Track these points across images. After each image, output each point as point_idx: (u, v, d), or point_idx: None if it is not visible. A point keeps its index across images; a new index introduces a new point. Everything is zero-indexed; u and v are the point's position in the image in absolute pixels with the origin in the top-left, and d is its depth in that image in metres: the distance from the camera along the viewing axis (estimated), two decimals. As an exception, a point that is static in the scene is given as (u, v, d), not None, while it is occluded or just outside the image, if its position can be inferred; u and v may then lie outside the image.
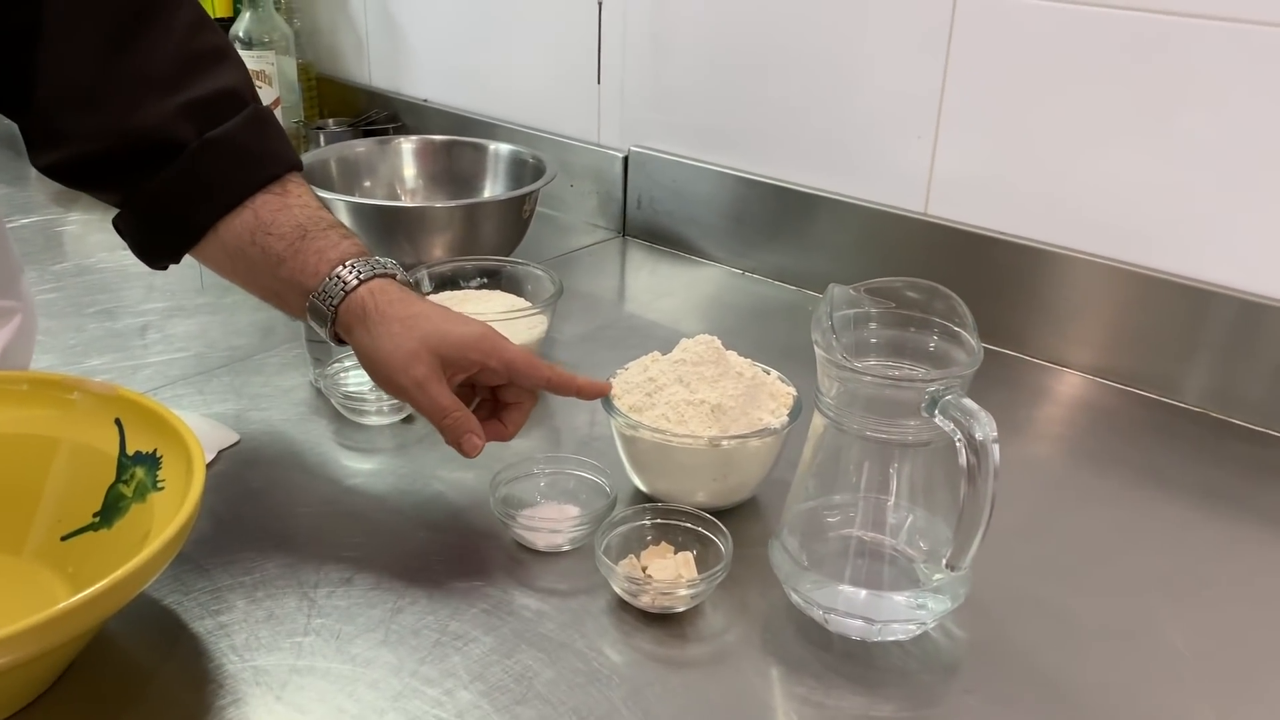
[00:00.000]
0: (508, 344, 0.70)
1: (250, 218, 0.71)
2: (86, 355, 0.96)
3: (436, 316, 0.70)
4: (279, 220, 0.71)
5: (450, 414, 0.68)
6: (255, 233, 0.71)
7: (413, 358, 0.68)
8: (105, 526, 0.64)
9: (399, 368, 0.68)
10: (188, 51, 0.72)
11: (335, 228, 0.73)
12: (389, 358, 0.68)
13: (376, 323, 0.68)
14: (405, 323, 0.68)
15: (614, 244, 1.29)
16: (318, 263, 0.70)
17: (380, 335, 0.68)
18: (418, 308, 0.70)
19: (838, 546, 0.64)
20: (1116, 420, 0.90)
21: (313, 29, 1.62)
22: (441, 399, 0.68)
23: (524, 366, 0.70)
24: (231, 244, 0.72)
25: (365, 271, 0.70)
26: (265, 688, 0.58)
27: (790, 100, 1.11)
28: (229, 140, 0.71)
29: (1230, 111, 0.85)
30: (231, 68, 0.74)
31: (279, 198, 0.72)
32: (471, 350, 0.69)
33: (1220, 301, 0.88)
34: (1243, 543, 0.74)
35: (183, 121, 0.70)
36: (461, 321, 0.71)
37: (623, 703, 0.58)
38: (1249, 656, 0.64)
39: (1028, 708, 0.59)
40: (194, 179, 0.71)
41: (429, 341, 0.68)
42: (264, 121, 0.74)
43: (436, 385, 0.68)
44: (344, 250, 0.71)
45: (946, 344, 0.61)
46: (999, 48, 0.95)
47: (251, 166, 0.72)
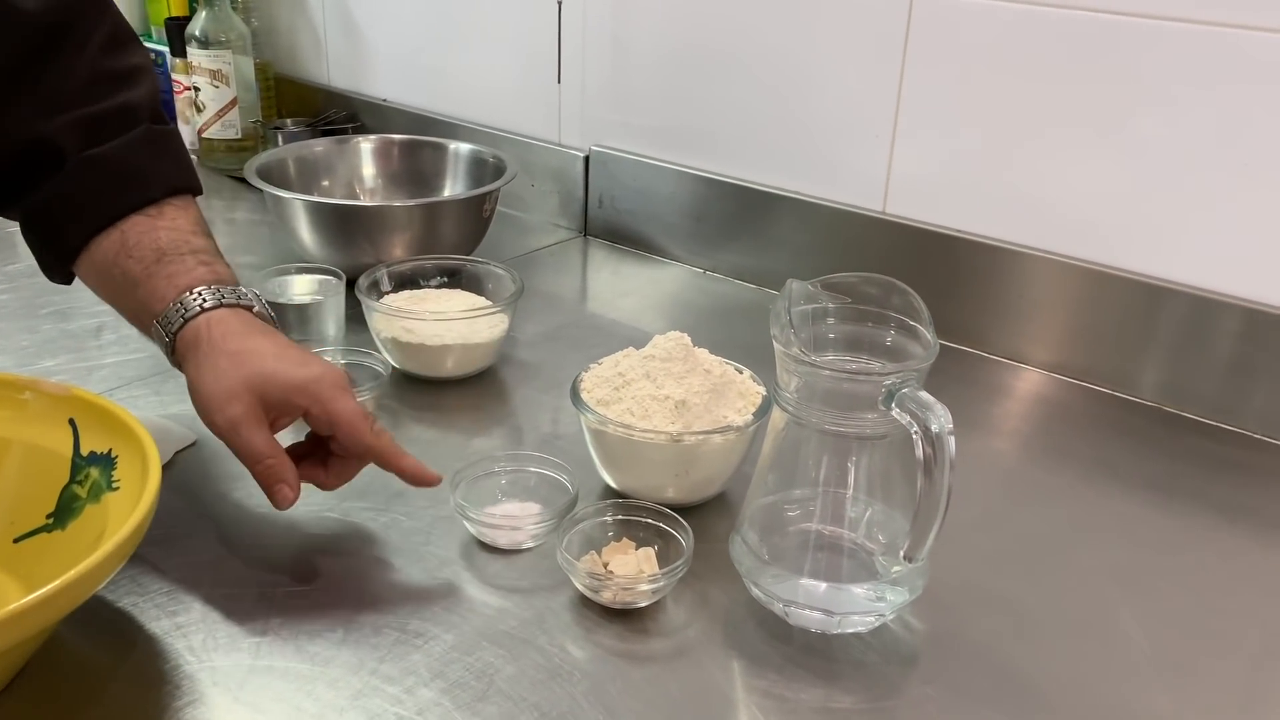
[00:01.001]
0: (340, 397, 0.66)
1: (117, 239, 0.69)
2: (40, 356, 0.94)
3: (270, 354, 0.66)
4: (142, 242, 0.69)
5: (263, 460, 0.65)
6: (119, 254, 0.69)
7: (230, 396, 0.64)
8: (59, 528, 0.63)
9: (216, 406, 0.65)
10: (98, 70, 0.71)
11: (197, 253, 0.70)
12: (208, 394, 0.65)
13: (205, 355, 0.66)
14: (233, 358, 0.65)
15: (575, 243, 1.29)
16: (166, 288, 0.68)
17: (205, 369, 0.65)
18: (252, 343, 0.66)
19: (797, 540, 0.65)
20: (1072, 415, 0.92)
21: (270, 28, 1.60)
22: (256, 444, 0.64)
23: (347, 426, 0.66)
24: (99, 264, 0.70)
25: (211, 300, 0.67)
26: (223, 688, 0.58)
27: (750, 100, 1.11)
28: (109, 158, 0.70)
29: (1182, 112, 0.86)
30: (141, 86, 0.73)
31: (149, 219, 0.70)
32: (297, 395, 0.65)
33: (1173, 298, 0.89)
34: (1196, 534, 0.76)
35: (71, 135, 0.69)
36: (296, 363, 0.66)
37: (584, 698, 0.58)
38: (1203, 645, 0.65)
39: (985, 698, 0.60)
40: (68, 197, 0.70)
41: (251, 381, 0.65)
42: (156, 142, 0.72)
43: (251, 428, 0.64)
44: (196, 276, 0.69)
45: (903, 338, 0.61)
46: (956, 48, 0.96)
47: (126, 187, 0.70)
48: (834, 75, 1.04)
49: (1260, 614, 0.68)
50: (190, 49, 1.43)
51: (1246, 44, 0.82)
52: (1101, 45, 0.88)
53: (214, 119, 1.45)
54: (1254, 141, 0.83)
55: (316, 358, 0.69)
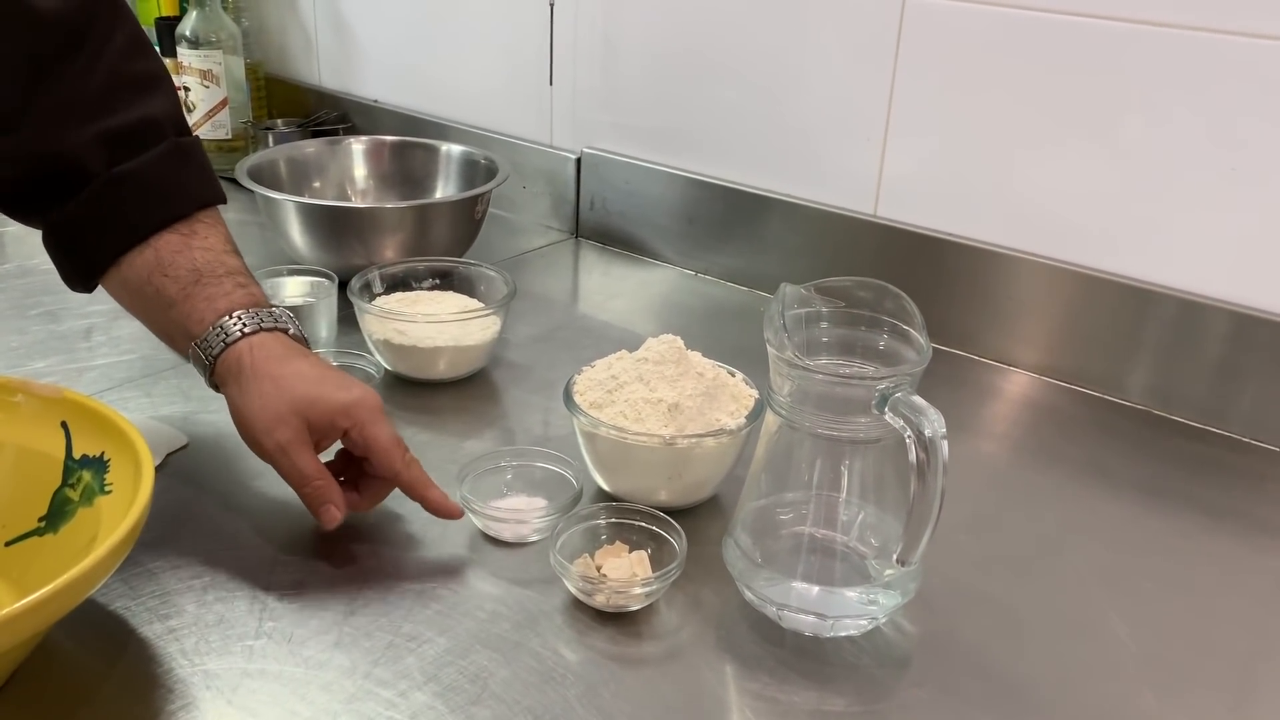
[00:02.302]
0: (378, 421, 0.68)
1: (151, 257, 0.69)
2: (30, 358, 0.94)
3: (312, 377, 0.67)
4: (177, 262, 0.69)
5: (311, 482, 0.66)
6: (153, 272, 0.69)
7: (279, 421, 0.66)
8: (51, 531, 0.63)
9: (263, 429, 0.66)
10: (115, 78, 0.70)
11: (233, 275, 0.71)
12: (255, 418, 0.66)
13: (249, 379, 0.67)
14: (277, 382, 0.66)
15: (566, 245, 1.29)
16: (205, 310, 0.68)
17: (250, 393, 0.66)
18: (294, 366, 0.67)
19: (790, 543, 0.65)
20: (1061, 418, 0.92)
21: (261, 28, 1.60)
22: (304, 466, 0.66)
23: (382, 453, 0.67)
24: (132, 281, 0.70)
25: (251, 325, 0.68)
26: (216, 692, 0.58)
27: (742, 102, 1.11)
28: (137, 175, 0.70)
29: (1170, 116, 0.87)
30: (160, 96, 0.73)
31: (182, 238, 0.70)
32: (340, 418, 0.67)
33: (1161, 301, 0.90)
34: (1184, 536, 0.76)
35: (96, 151, 0.69)
36: (338, 386, 0.68)
37: (578, 701, 0.58)
38: (1190, 646, 0.65)
39: (976, 700, 0.60)
40: (98, 212, 0.69)
41: (297, 405, 0.66)
42: (182, 155, 0.72)
43: (300, 451, 0.66)
44: (235, 300, 0.69)
45: (896, 342, 0.61)
46: (947, 52, 0.96)
47: (156, 203, 0.70)
48: (825, 78, 1.05)
49: (1248, 615, 0.68)
50: (180, 49, 1.42)
51: (1233, 49, 0.82)
52: (1090, 50, 0.88)
53: (204, 119, 1.45)
54: (1241, 145, 0.84)
55: (355, 380, 0.70)
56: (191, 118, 1.45)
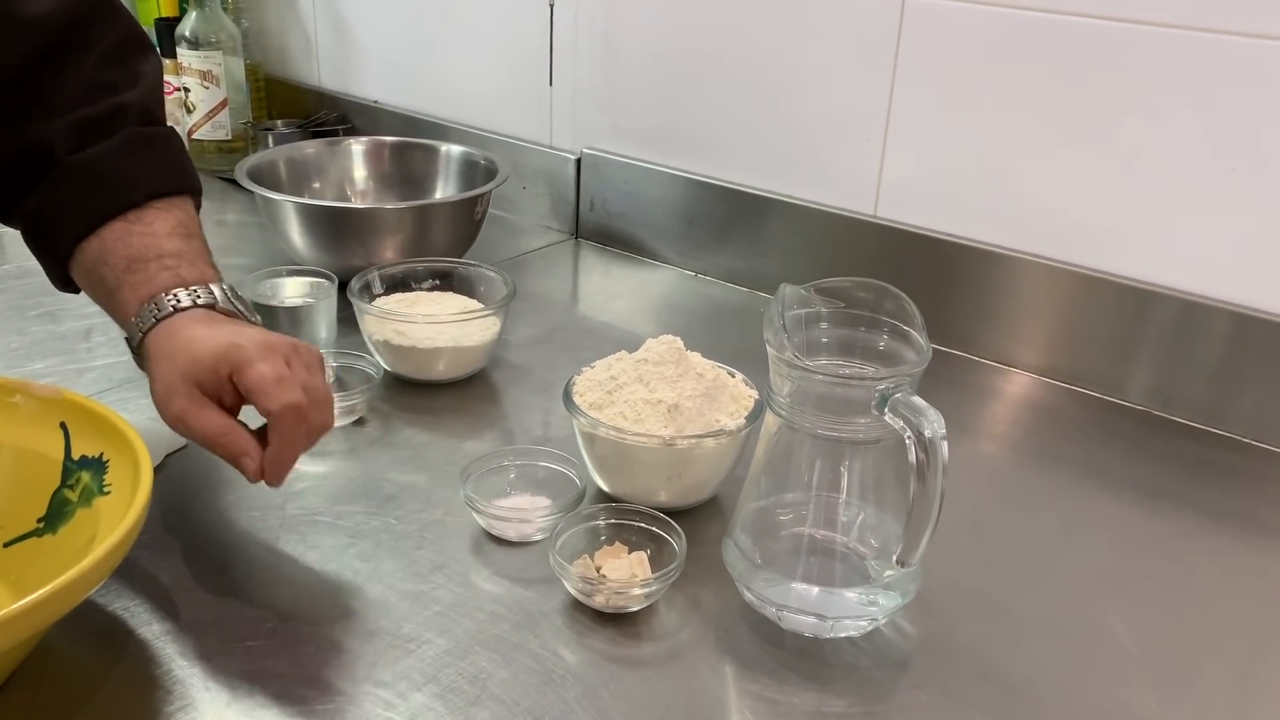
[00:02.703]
0: (254, 360, 0.62)
1: (97, 246, 0.68)
2: (29, 359, 0.94)
3: (201, 339, 0.64)
4: (115, 250, 0.68)
5: (218, 438, 0.63)
6: (97, 263, 0.68)
7: (171, 393, 0.63)
8: (50, 532, 0.63)
9: (163, 406, 0.64)
10: (99, 76, 0.70)
11: (163, 258, 0.68)
12: (156, 398, 0.64)
13: (152, 362, 0.65)
14: (170, 357, 0.64)
15: (566, 246, 1.29)
16: (130, 300, 0.67)
17: (153, 376, 0.65)
18: (187, 335, 0.64)
19: (790, 544, 0.65)
20: (1061, 419, 0.92)
21: (261, 29, 1.60)
22: (204, 425, 0.63)
23: (250, 391, 0.62)
24: (85, 272, 0.69)
25: (167, 307, 0.65)
26: (215, 693, 0.58)
27: (741, 103, 1.11)
28: (89, 163, 0.69)
29: (1171, 116, 0.86)
30: (141, 90, 0.72)
31: (126, 225, 0.69)
32: (219, 364, 0.62)
33: (1161, 301, 0.90)
34: (1184, 537, 0.76)
35: (60, 139, 0.68)
36: (222, 338, 0.64)
37: (578, 703, 0.58)
38: (1190, 647, 0.65)
39: (976, 701, 0.60)
40: (55, 203, 0.69)
41: (184, 370, 0.63)
42: (139, 143, 0.71)
43: (196, 414, 0.63)
44: (156, 285, 0.67)
45: (896, 343, 0.61)
46: (946, 53, 0.96)
47: (105, 192, 0.69)
48: (826, 79, 1.04)
49: (1248, 616, 0.68)
50: (180, 50, 1.42)
51: (1234, 49, 0.82)
52: (1091, 50, 0.88)
53: (204, 120, 1.45)
54: (1242, 145, 0.84)
55: (261, 332, 0.65)
56: (191, 118, 1.45)
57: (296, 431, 0.63)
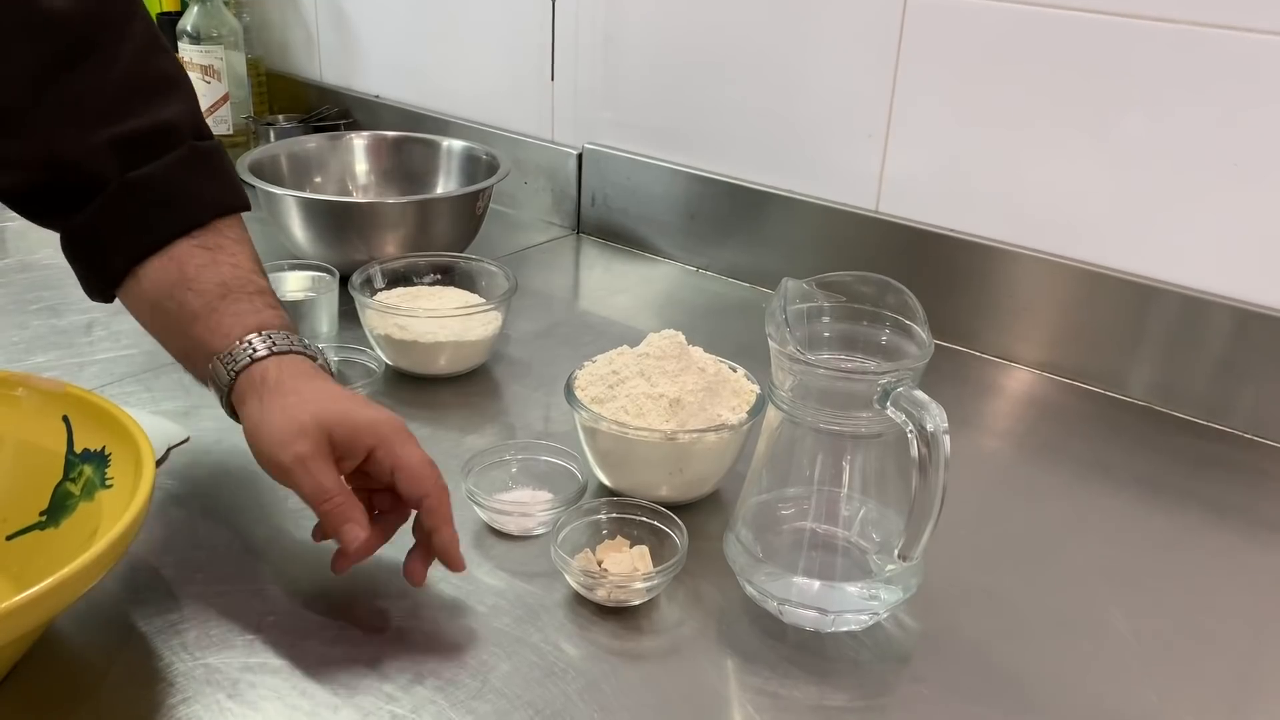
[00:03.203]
0: (408, 441, 0.63)
1: (175, 271, 0.67)
2: (30, 352, 0.94)
3: (338, 395, 0.64)
4: (203, 276, 0.67)
5: (332, 498, 0.61)
6: (175, 287, 0.67)
7: (300, 433, 0.61)
8: (52, 525, 0.63)
9: (281, 442, 0.61)
10: (131, 81, 0.68)
11: (264, 294, 0.68)
12: (274, 430, 0.62)
13: (272, 393, 0.63)
14: (301, 395, 0.63)
15: (568, 241, 1.29)
16: (232, 325, 0.65)
17: (272, 407, 0.62)
18: (319, 385, 0.64)
19: (791, 539, 0.65)
20: (1063, 414, 0.92)
21: (262, 24, 1.60)
22: (323, 480, 0.61)
23: (411, 470, 0.62)
24: (150, 294, 0.68)
25: (281, 345, 0.65)
26: (216, 686, 0.58)
27: (743, 98, 1.11)
28: (151, 181, 0.68)
29: (1172, 112, 0.86)
30: (177, 99, 0.71)
31: (208, 253, 0.68)
32: (366, 434, 0.62)
33: (1163, 297, 0.90)
34: (1186, 532, 0.76)
35: (108, 157, 0.67)
36: (363, 404, 0.64)
37: (579, 696, 0.58)
38: (1192, 642, 0.65)
39: (977, 696, 0.60)
40: (111, 221, 0.68)
41: (320, 418, 0.62)
42: (199, 160, 0.70)
43: (319, 464, 0.61)
44: (264, 319, 0.66)
45: (898, 337, 0.61)
46: (948, 48, 0.96)
47: (172, 210, 0.68)
48: (828, 74, 1.04)
49: (1249, 611, 0.68)
50: (182, 44, 1.42)
51: (1236, 44, 0.82)
52: (1093, 46, 0.88)
53: (205, 115, 1.44)
54: (1243, 141, 0.84)
55: (380, 406, 0.66)
56: (193, 113, 1.45)
57: (449, 511, 0.63)
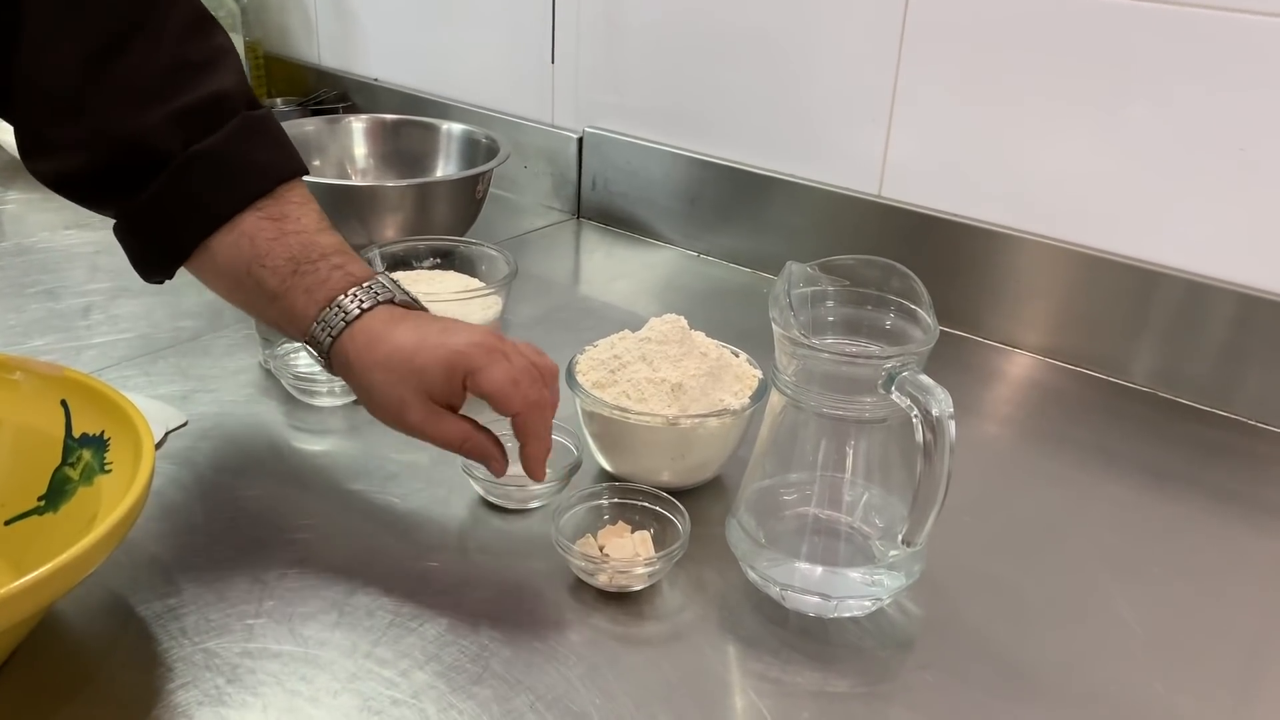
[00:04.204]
0: (485, 365, 0.63)
1: (247, 247, 0.67)
2: (28, 336, 0.93)
3: (412, 346, 0.64)
4: (274, 251, 0.67)
5: (461, 445, 0.65)
6: (251, 264, 0.67)
7: (400, 406, 0.64)
8: (51, 510, 0.62)
9: (393, 419, 0.65)
10: (180, 57, 0.68)
11: (327, 258, 0.68)
12: (379, 407, 0.65)
13: (358, 374, 0.65)
14: (385, 367, 0.64)
15: (568, 225, 1.28)
16: (305, 304, 0.66)
17: (364, 388, 0.65)
18: (395, 341, 0.64)
19: (794, 524, 0.65)
20: (1066, 400, 0.92)
21: (260, 6, 1.59)
22: (447, 435, 0.65)
23: (491, 397, 0.64)
24: (227, 270, 0.68)
25: (353, 309, 0.65)
26: (216, 670, 0.57)
27: (745, 82, 1.11)
28: (213, 154, 0.67)
29: (1177, 96, 0.86)
30: (226, 70, 0.70)
31: (275, 224, 0.68)
32: (451, 374, 0.63)
33: (1167, 282, 0.89)
34: (1189, 519, 0.76)
35: (169, 132, 0.66)
36: (437, 343, 0.64)
37: (580, 681, 0.58)
38: (1196, 630, 0.65)
39: (981, 682, 0.60)
40: (180, 195, 0.67)
41: (409, 380, 0.64)
42: (255, 129, 0.70)
43: (436, 424, 0.64)
44: (332, 287, 0.66)
45: (903, 321, 0.61)
46: (953, 32, 0.95)
47: (236, 182, 0.68)
48: (830, 58, 1.04)
49: (1253, 598, 0.68)
50: (179, 26, 1.41)
51: (1242, 28, 0.81)
52: (1097, 29, 0.88)
53: (203, 98, 1.44)
54: (1249, 126, 0.83)
55: (460, 326, 0.66)
56: (190, 96, 1.44)
57: (541, 425, 0.65)
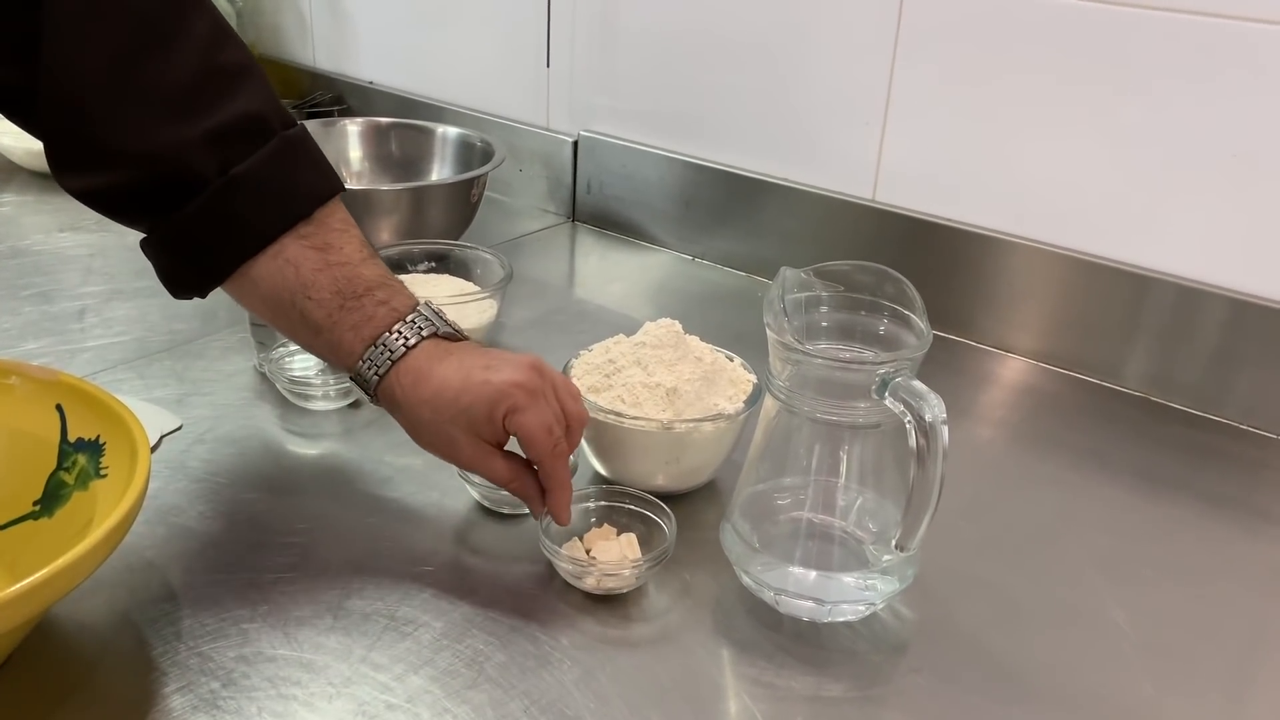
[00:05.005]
0: (523, 408, 0.64)
1: (292, 275, 0.66)
2: (22, 339, 0.93)
3: (456, 385, 0.64)
4: (319, 283, 0.67)
5: (508, 485, 0.66)
6: (295, 294, 0.67)
7: (450, 445, 0.66)
8: (46, 515, 0.62)
9: (446, 457, 0.67)
10: (207, 69, 0.67)
11: (371, 292, 0.67)
12: (431, 446, 0.67)
13: (408, 410, 0.66)
14: (431, 406, 0.65)
15: (563, 229, 1.28)
16: (352, 342, 0.66)
17: (417, 423, 0.66)
18: (439, 379, 0.65)
19: (788, 529, 0.65)
20: (1059, 404, 0.92)
21: (255, 8, 1.59)
22: (497, 474, 0.66)
23: (525, 441, 0.65)
24: (271, 297, 0.67)
25: (398, 348, 0.65)
26: (211, 675, 0.57)
27: (740, 86, 1.11)
28: (253, 177, 0.66)
29: (1170, 101, 0.86)
30: (255, 86, 0.69)
31: (319, 254, 0.67)
32: (492, 415, 0.64)
33: (1159, 287, 0.90)
34: (1181, 523, 0.76)
35: (207, 152, 0.66)
36: (481, 382, 0.64)
37: (574, 686, 0.58)
38: (1187, 632, 0.65)
39: (974, 686, 0.60)
40: (219, 217, 0.66)
41: (457, 420, 0.64)
42: (291, 150, 0.69)
43: (486, 463, 0.66)
44: (378, 324, 0.66)
45: (896, 327, 0.61)
46: (947, 36, 0.96)
47: (275, 205, 0.67)
48: (825, 62, 1.04)
49: (1244, 601, 0.68)
50: (173, 29, 1.41)
51: (1235, 33, 0.82)
52: (1091, 35, 0.88)
53: (197, 100, 1.44)
54: (1241, 131, 0.84)
55: (503, 361, 0.66)
56: (185, 98, 1.44)
57: (567, 474, 0.67)
